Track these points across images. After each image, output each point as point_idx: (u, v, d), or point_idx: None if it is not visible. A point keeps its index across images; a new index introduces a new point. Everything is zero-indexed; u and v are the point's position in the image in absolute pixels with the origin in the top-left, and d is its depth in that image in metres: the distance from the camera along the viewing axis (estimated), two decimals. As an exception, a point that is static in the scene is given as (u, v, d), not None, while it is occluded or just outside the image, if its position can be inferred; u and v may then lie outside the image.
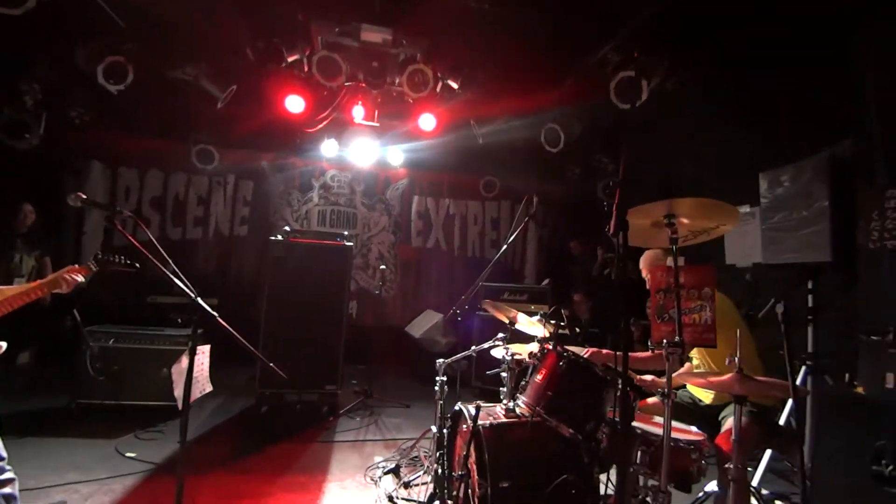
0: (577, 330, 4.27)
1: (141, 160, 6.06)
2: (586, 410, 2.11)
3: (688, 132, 4.81)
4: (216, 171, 6.20)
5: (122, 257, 2.28)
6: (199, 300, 2.12)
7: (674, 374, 1.83)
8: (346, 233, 4.65)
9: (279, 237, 4.35)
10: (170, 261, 2.10)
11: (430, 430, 2.91)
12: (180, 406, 2.13)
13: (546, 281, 5.70)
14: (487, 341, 2.99)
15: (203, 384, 2.48)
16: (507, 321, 2.89)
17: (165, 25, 4.42)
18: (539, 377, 2.28)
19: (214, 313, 2.20)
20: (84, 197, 2.14)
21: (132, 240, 2.02)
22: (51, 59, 4.44)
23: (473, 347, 3.05)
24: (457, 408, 2.53)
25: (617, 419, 2.00)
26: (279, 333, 4.11)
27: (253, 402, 4.07)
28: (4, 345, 1.93)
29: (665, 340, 1.87)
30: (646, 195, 2.02)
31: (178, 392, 2.22)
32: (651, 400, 2.48)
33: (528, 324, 2.80)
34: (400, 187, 6.90)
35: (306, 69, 4.74)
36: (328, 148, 6.03)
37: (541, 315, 2.82)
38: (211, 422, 3.89)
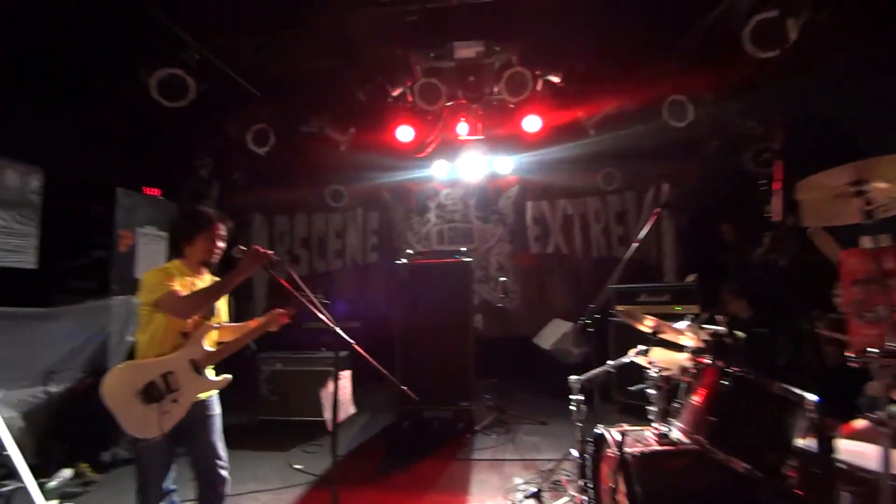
0: (739, 333, 3.59)
1: (289, 207, 7.04)
2: (764, 439, 1.71)
3: (857, 74, 3.77)
4: (347, 206, 6.91)
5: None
6: (339, 330, 2.31)
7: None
8: (463, 248, 4.69)
9: (403, 261, 4.59)
10: (311, 295, 2.34)
11: (571, 452, 2.70)
12: (329, 428, 2.33)
13: (691, 276, 4.96)
14: (626, 352, 2.67)
15: (347, 407, 2.69)
16: (648, 332, 2.53)
17: (292, 88, 5.08)
18: (696, 398, 1.93)
19: (351, 341, 2.37)
20: (243, 249, 2.55)
21: (282, 282, 2.31)
22: (213, 135, 5.42)
23: (609, 362, 2.74)
24: (599, 431, 2.29)
25: (812, 449, 1.57)
26: (412, 352, 4.32)
27: (394, 419, 4.31)
28: (230, 377, 2.26)
29: (871, 347, 1.41)
30: (817, 160, 1.58)
31: (327, 415, 2.42)
32: (859, 424, 1.92)
33: (675, 334, 2.41)
34: (511, 195, 6.78)
35: (410, 99, 4.99)
36: (439, 168, 6.26)
37: (690, 320, 2.42)
38: (360, 437, 4.21)
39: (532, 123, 5.21)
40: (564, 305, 6.31)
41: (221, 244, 2.26)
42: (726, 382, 1.84)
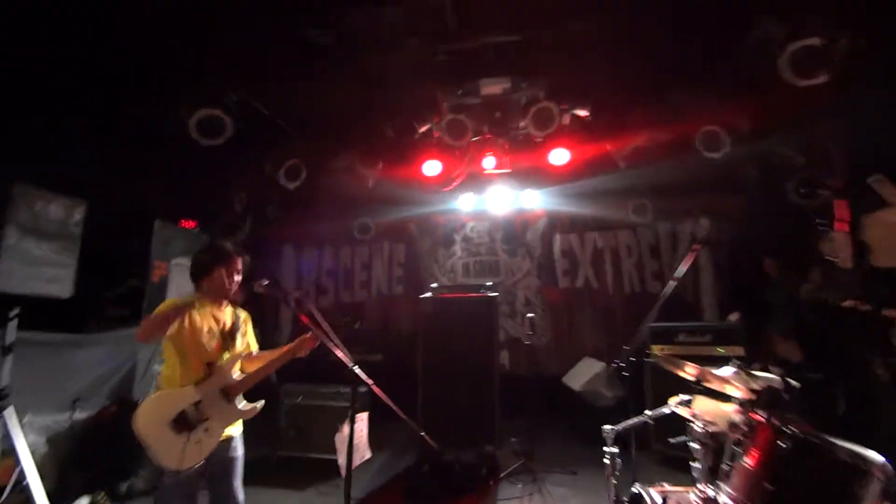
0: (793, 383, 3.25)
1: (317, 240, 7.17)
2: (831, 513, 1.47)
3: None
4: (374, 239, 6.96)
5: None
6: (357, 369, 2.25)
7: None
8: (489, 283, 4.58)
9: (428, 294, 4.52)
10: (330, 333, 2.30)
11: (604, 511, 2.45)
12: (343, 473, 2.22)
13: (735, 315, 4.63)
14: (664, 397, 2.45)
15: (363, 451, 2.57)
16: (690, 379, 2.32)
17: (323, 126, 5.25)
18: (749, 460, 1.71)
19: (370, 382, 2.30)
20: (265, 283, 2.57)
21: (302, 317, 2.31)
22: (247, 170, 5.62)
23: (647, 412, 2.51)
24: (636, 491, 2.07)
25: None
26: (435, 389, 4.18)
27: (415, 460, 4.11)
28: (260, 405, 2.26)
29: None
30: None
31: (341, 460, 2.32)
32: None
33: (721, 383, 2.18)
34: (539, 228, 6.66)
35: (436, 135, 5.06)
36: (465, 202, 6.25)
37: (737, 366, 2.20)
38: (379, 479, 4.04)
39: (559, 156, 5.16)
40: (595, 343, 6.01)
41: (238, 278, 2.27)
42: (784, 444, 1.61)
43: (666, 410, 2.39)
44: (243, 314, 2.39)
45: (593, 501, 3.44)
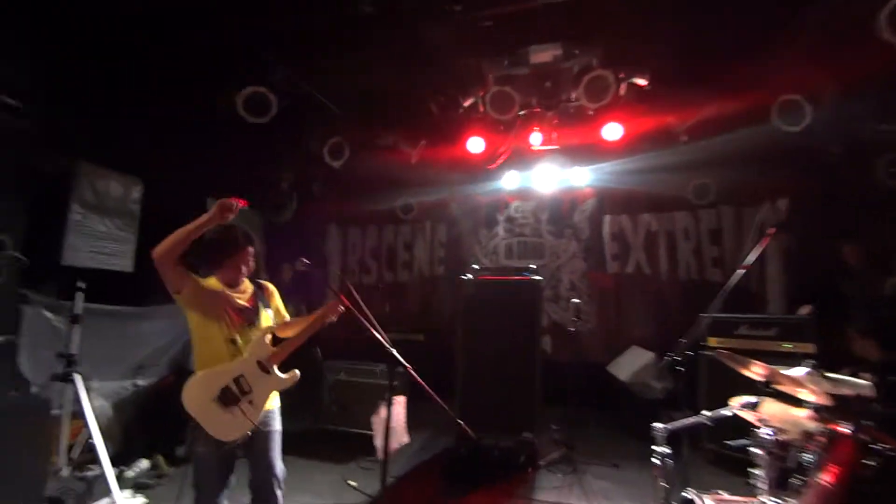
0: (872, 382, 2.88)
1: (361, 218, 7.20)
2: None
3: None
4: (416, 218, 6.92)
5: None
6: (395, 352, 2.22)
7: None
8: (533, 266, 4.41)
9: (469, 276, 4.42)
10: (371, 317, 2.27)
11: (651, 513, 2.31)
12: (380, 455, 2.22)
13: (805, 308, 4.19)
14: (721, 394, 2.23)
15: (401, 435, 2.56)
16: (758, 380, 2.09)
17: (367, 103, 5.18)
18: (827, 477, 1.51)
19: (408, 365, 2.26)
20: (306, 262, 2.59)
21: (343, 298, 2.31)
22: (293, 148, 5.70)
23: (705, 412, 2.30)
24: (689, 496, 1.91)
25: None
26: (475, 373, 4.11)
27: (453, 441, 4.11)
28: (298, 373, 2.30)
29: None
30: None
31: (378, 442, 2.32)
32: None
33: (793, 386, 1.95)
34: (587, 208, 6.32)
35: (482, 110, 4.86)
36: (509, 180, 6.04)
37: (811, 367, 1.96)
38: (418, 458, 4.07)
39: (612, 131, 4.82)
40: (644, 332, 5.69)
41: (250, 266, 2.26)
42: (871, 463, 1.40)
43: (727, 413, 2.18)
44: (269, 287, 2.40)
45: (636, 497, 3.29)
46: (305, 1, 3.58)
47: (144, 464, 3.25)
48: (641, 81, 4.28)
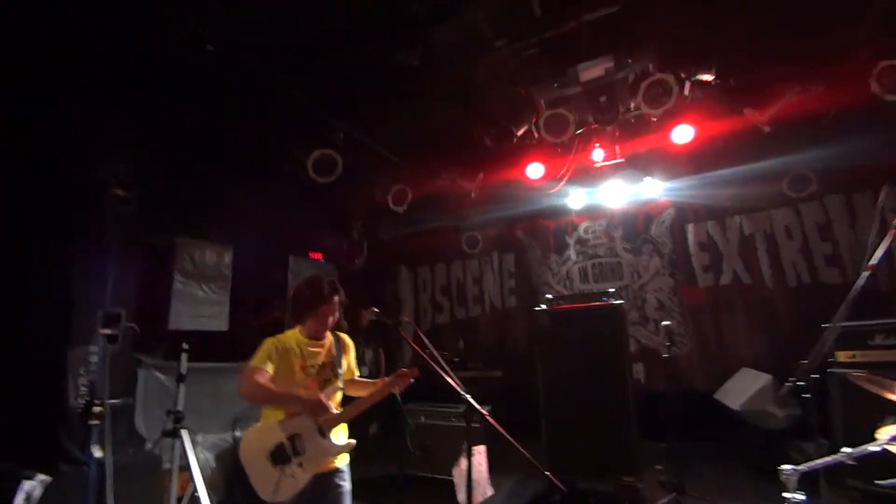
0: None
1: (429, 257, 7.34)
2: None
3: None
4: (482, 251, 6.89)
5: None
6: (471, 400, 2.15)
7: None
8: (611, 289, 4.12)
9: (542, 306, 4.24)
10: (442, 363, 2.22)
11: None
12: (463, 512, 2.09)
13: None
14: (865, 425, 1.82)
15: (484, 487, 2.43)
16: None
17: (422, 147, 5.37)
18: None
19: (485, 412, 2.18)
20: (376, 311, 2.62)
21: (413, 345, 2.33)
22: (361, 199, 6.02)
23: (845, 451, 1.88)
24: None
25: None
26: (561, 410, 3.88)
27: (544, 487, 3.80)
28: (353, 442, 2.27)
29: None
30: None
31: (461, 497, 2.21)
32: None
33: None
34: (666, 219, 5.84)
35: (536, 135, 4.80)
36: (575, 200, 5.81)
37: None
38: (507, 506, 3.82)
39: (683, 134, 4.47)
40: (753, 351, 4.98)
41: (336, 318, 2.31)
42: None
43: (874, 448, 1.77)
44: (346, 341, 2.41)
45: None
46: (354, 61, 3.85)
47: (245, 514, 3.39)
48: (707, 77, 3.96)
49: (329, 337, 2.34)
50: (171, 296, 3.67)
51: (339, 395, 2.26)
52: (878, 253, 2.07)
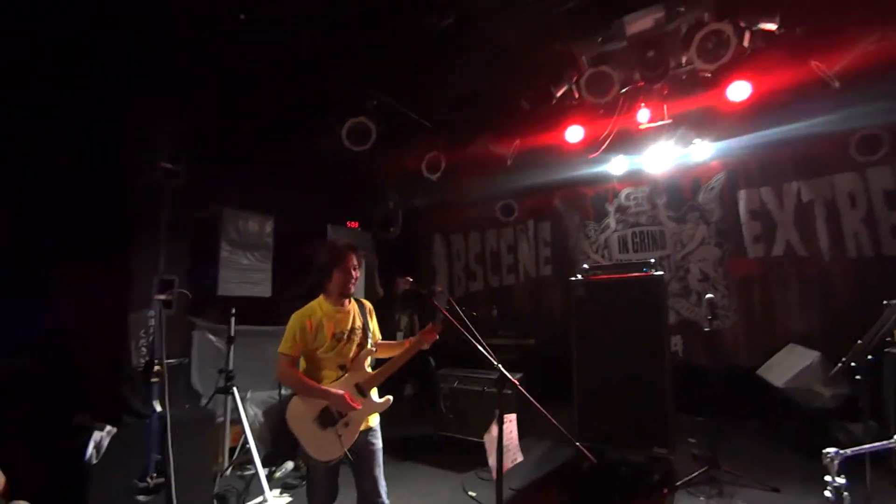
0: None
1: (463, 226, 7.32)
2: None
3: None
4: (518, 219, 6.78)
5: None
6: (501, 367, 2.17)
7: None
8: (652, 260, 3.97)
9: (579, 276, 4.16)
10: (474, 331, 2.25)
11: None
12: (493, 475, 2.17)
13: None
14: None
15: (514, 453, 2.49)
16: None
17: (457, 112, 5.24)
18: None
19: (516, 381, 2.18)
20: (410, 280, 2.65)
21: (446, 314, 2.34)
22: (395, 167, 6.02)
23: None
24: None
25: None
26: (594, 381, 3.87)
27: (575, 453, 3.87)
28: (391, 398, 2.38)
29: None
30: None
31: (492, 462, 2.27)
32: None
33: None
34: (716, 185, 5.48)
35: (577, 95, 4.55)
36: (616, 166, 5.54)
37: None
38: (538, 470, 3.93)
39: (739, 91, 4.09)
40: (804, 327, 4.71)
41: (356, 273, 2.35)
42: None
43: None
44: (368, 305, 2.46)
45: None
46: (385, 24, 3.75)
47: (289, 465, 3.69)
48: (770, 25, 3.56)
49: (352, 303, 2.39)
50: (218, 263, 3.88)
51: (370, 359, 2.35)
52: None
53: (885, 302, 2.96)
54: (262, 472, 3.19)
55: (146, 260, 3.03)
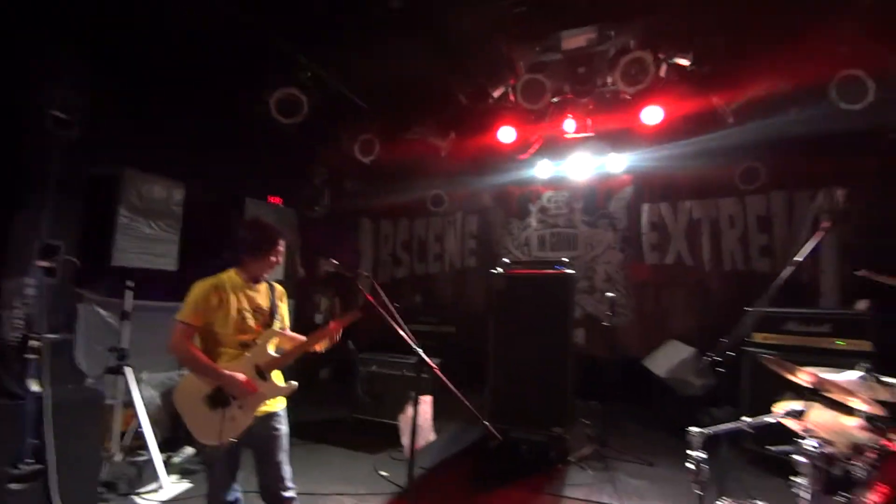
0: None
1: (393, 212, 7.28)
2: None
3: None
4: (447, 210, 6.91)
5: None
6: (420, 351, 2.21)
7: None
8: (565, 259, 4.30)
9: (500, 269, 4.38)
10: (396, 316, 2.27)
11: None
12: (406, 453, 2.23)
13: (863, 303, 3.85)
14: (765, 395, 2.09)
15: (427, 433, 2.57)
16: (804, 384, 1.96)
17: (395, 98, 5.18)
18: (874, 497, 1.39)
19: (434, 365, 2.24)
20: (335, 262, 2.57)
21: (370, 298, 2.28)
22: (326, 146, 5.80)
23: (746, 419, 2.16)
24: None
25: None
26: (506, 366, 4.12)
27: (481, 434, 4.13)
28: (295, 384, 2.27)
29: None
30: None
31: (405, 441, 2.33)
32: None
33: (845, 395, 1.80)
34: (625, 197, 6.07)
35: (512, 98, 4.75)
36: (542, 169, 5.89)
37: (866, 370, 1.81)
38: (447, 450, 4.09)
39: (652, 115, 4.59)
40: (684, 326, 5.45)
41: (279, 262, 2.29)
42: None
43: (770, 420, 2.04)
44: (279, 289, 2.37)
45: (670, 496, 3.18)
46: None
47: (189, 450, 3.46)
48: (684, 61, 4.03)
49: (264, 284, 2.29)
50: (114, 230, 3.46)
51: (275, 342, 2.24)
52: (806, 249, 2.28)
53: (746, 309, 3.55)
54: (159, 458, 2.97)
55: (26, 220, 2.61)
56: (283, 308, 2.37)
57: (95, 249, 3.33)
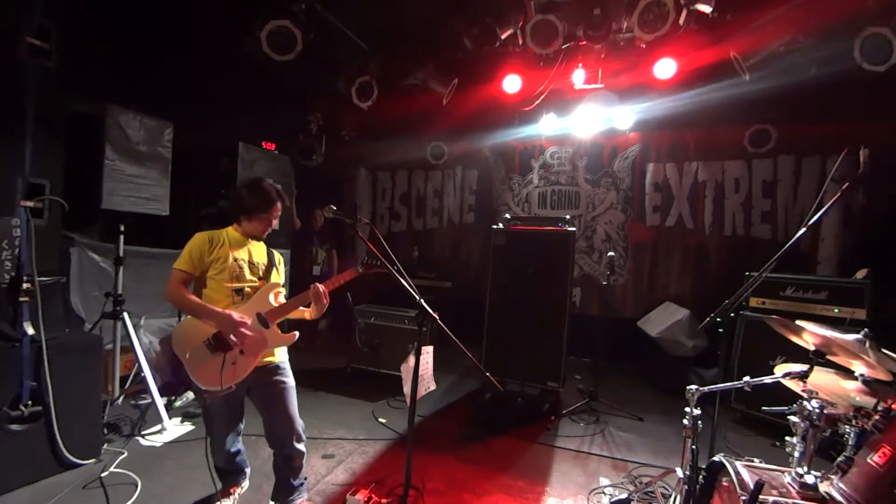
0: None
1: (391, 163, 7.07)
2: None
3: None
4: (446, 164, 6.72)
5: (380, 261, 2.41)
6: (423, 302, 2.17)
7: None
8: (567, 217, 4.24)
9: (500, 225, 4.32)
10: (398, 265, 2.22)
11: (675, 472, 2.30)
12: (407, 401, 2.26)
13: (862, 272, 3.88)
14: (759, 355, 2.11)
15: (428, 382, 2.59)
16: (806, 346, 1.97)
17: (397, 39, 4.85)
18: (876, 458, 1.42)
19: (436, 315, 2.22)
20: (334, 208, 2.48)
21: (370, 245, 2.24)
22: (323, 90, 5.50)
23: (747, 379, 2.18)
24: (718, 460, 1.88)
25: None
26: (503, 322, 4.17)
27: (479, 385, 4.23)
28: (297, 334, 2.27)
29: None
30: None
31: (406, 389, 2.35)
32: None
33: (848, 357, 1.81)
34: (630, 155, 5.92)
35: (521, 41, 4.47)
36: (546, 124, 5.68)
37: (867, 336, 1.81)
38: (444, 399, 4.23)
39: (665, 68, 4.40)
40: (680, 289, 5.51)
41: (275, 224, 2.27)
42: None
43: (769, 381, 2.07)
44: (278, 256, 2.36)
45: (658, 450, 3.32)
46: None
47: (190, 395, 3.51)
48: (706, 7, 3.78)
49: (262, 244, 2.30)
50: (102, 171, 3.28)
51: (276, 293, 2.23)
52: (820, 213, 2.22)
53: (747, 273, 3.54)
54: (160, 401, 2.99)
55: (7, 156, 2.45)
56: (282, 273, 2.36)
57: (83, 192, 3.17)
